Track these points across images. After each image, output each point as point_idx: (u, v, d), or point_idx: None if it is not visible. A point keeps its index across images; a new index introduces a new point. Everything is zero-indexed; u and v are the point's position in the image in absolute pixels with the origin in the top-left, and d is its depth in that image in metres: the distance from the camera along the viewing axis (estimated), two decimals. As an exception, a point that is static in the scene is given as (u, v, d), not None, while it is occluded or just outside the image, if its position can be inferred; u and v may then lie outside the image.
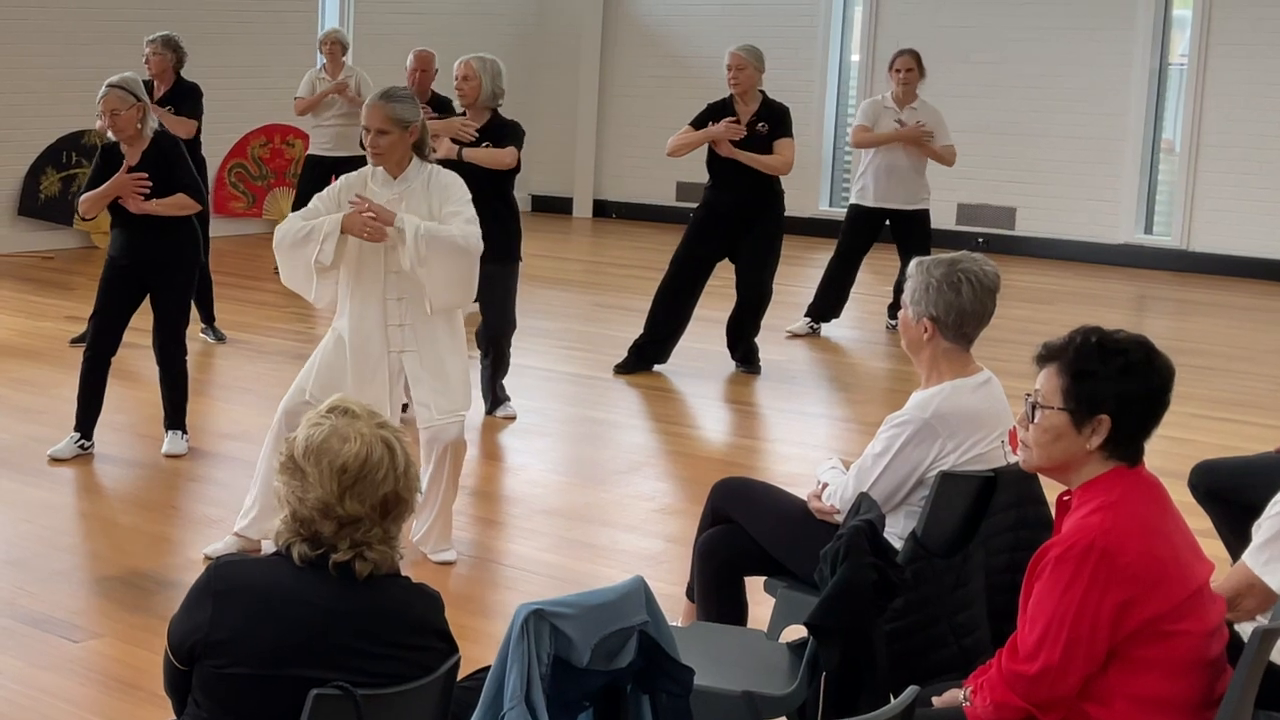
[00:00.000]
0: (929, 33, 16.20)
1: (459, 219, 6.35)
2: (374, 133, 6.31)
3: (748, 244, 10.19)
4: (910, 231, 11.66)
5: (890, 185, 11.60)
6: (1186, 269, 15.15)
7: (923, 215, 11.73)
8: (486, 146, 8.77)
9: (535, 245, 16.11)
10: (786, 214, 10.42)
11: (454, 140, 8.70)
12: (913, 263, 4.92)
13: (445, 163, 7.53)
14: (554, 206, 18.75)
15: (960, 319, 4.77)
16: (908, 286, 4.87)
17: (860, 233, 11.76)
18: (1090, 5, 15.61)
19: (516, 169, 8.88)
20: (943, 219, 16.14)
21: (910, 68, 11.67)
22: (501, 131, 8.81)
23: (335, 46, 13.41)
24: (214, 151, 15.26)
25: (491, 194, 8.62)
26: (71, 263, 14.09)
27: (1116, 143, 15.60)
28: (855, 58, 17.15)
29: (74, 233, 14.50)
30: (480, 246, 6.39)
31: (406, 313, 6.42)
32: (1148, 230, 15.76)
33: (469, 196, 6.47)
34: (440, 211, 6.37)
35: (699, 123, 10.17)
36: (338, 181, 6.58)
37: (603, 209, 18.53)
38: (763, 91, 10.15)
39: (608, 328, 11.63)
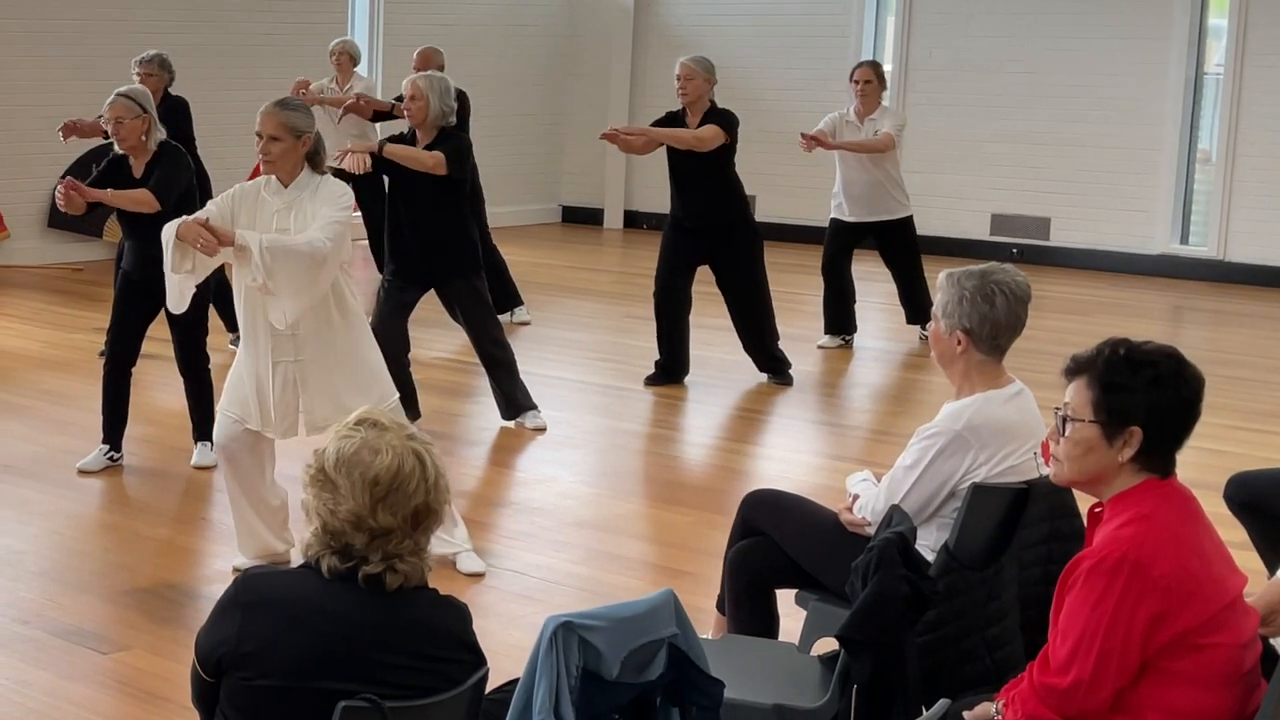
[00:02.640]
0: (962, 42, 16.17)
1: (317, 222, 6.27)
2: (266, 139, 6.31)
3: (727, 256, 10.15)
4: (894, 240, 11.65)
5: (861, 200, 11.56)
6: (1222, 279, 15.07)
7: (904, 224, 11.67)
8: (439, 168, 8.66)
9: (566, 256, 16.17)
10: (813, 224, 10.38)
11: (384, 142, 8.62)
12: (942, 275, 4.89)
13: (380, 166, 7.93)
14: (585, 217, 18.75)
15: (995, 331, 4.75)
16: (938, 299, 4.83)
17: (838, 244, 11.72)
18: (1125, 15, 15.55)
19: (460, 180, 8.68)
20: (977, 229, 16.14)
21: (869, 79, 11.59)
22: (441, 143, 8.63)
23: (344, 57, 13.44)
24: (243, 163, 15.30)
25: (443, 210, 8.61)
26: (101, 275, 14.08)
27: (1152, 152, 15.53)
28: (888, 68, 17.09)
29: (103, 245, 14.53)
30: (325, 250, 6.21)
31: (297, 321, 6.33)
32: (1183, 240, 15.68)
33: (347, 203, 6.37)
34: (317, 210, 6.32)
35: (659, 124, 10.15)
36: (234, 188, 6.52)
37: (634, 220, 18.51)
38: (712, 101, 10.06)
39: (638, 339, 11.60)
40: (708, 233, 10.09)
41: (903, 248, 11.67)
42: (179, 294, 6.48)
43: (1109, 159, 15.69)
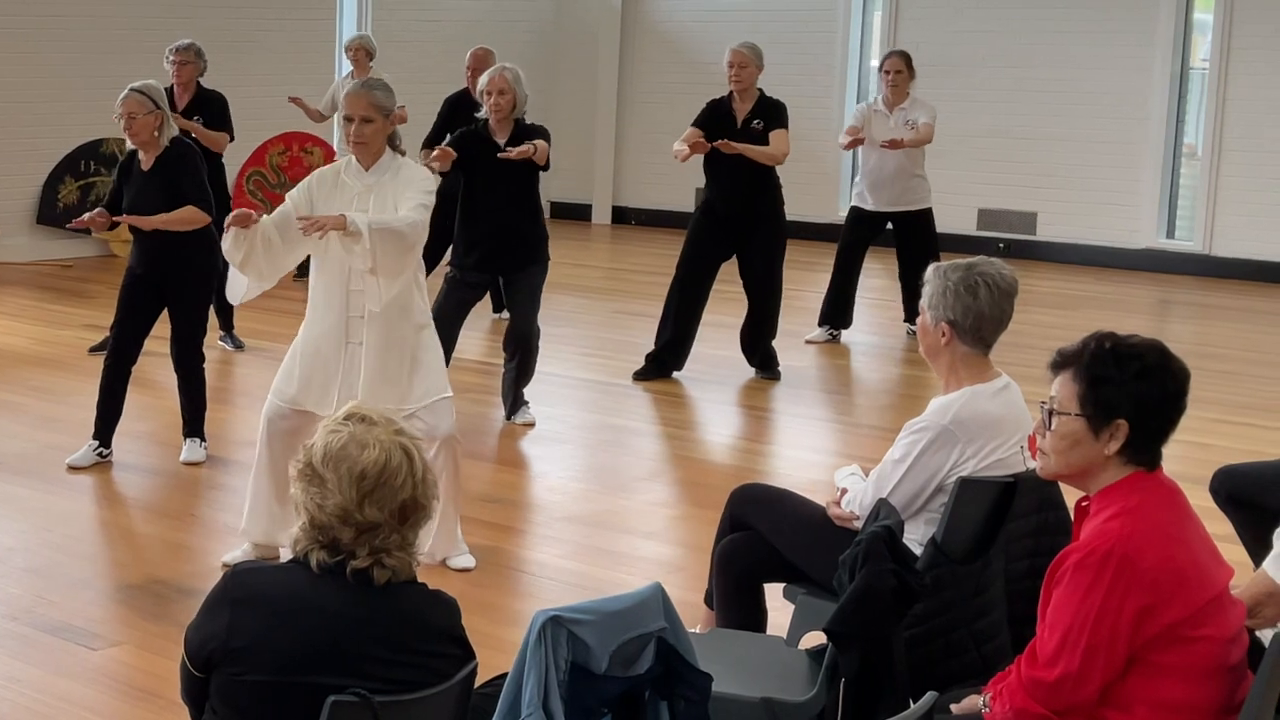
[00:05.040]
0: (948, 37, 16.19)
1: (408, 203, 6.30)
2: (358, 121, 6.30)
3: (753, 245, 10.20)
4: (912, 233, 11.66)
5: (886, 189, 11.59)
6: (1208, 273, 15.11)
7: (924, 215, 11.70)
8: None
9: (554, 252, 16.08)
10: (805, 220, 10.43)
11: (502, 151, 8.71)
12: (930, 267, 4.91)
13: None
14: (573, 213, 18.75)
15: (978, 323, 4.76)
16: (925, 291, 4.85)
17: (857, 234, 11.75)
18: (1111, 9, 15.58)
19: (544, 170, 8.86)
20: (964, 224, 16.15)
21: (899, 69, 11.64)
22: (534, 134, 8.79)
23: (360, 53, 13.44)
24: (232, 160, 15.27)
25: (521, 200, 8.76)
26: (90, 271, 14.12)
27: (1138, 147, 15.56)
28: (874, 62, 17.11)
29: (92, 241, 14.52)
30: (422, 232, 6.29)
31: (364, 303, 6.37)
32: (1169, 235, 15.72)
33: (431, 188, 6.42)
34: (404, 194, 6.34)
35: (700, 121, 10.19)
36: (311, 174, 6.54)
37: (622, 215, 18.53)
38: (760, 89, 10.15)
39: (627, 334, 11.62)
40: (739, 220, 10.12)
41: (921, 240, 11.63)
42: (235, 286, 6.56)
43: (1095, 154, 15.73)
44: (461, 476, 6.79)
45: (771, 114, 10.10)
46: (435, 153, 8.60)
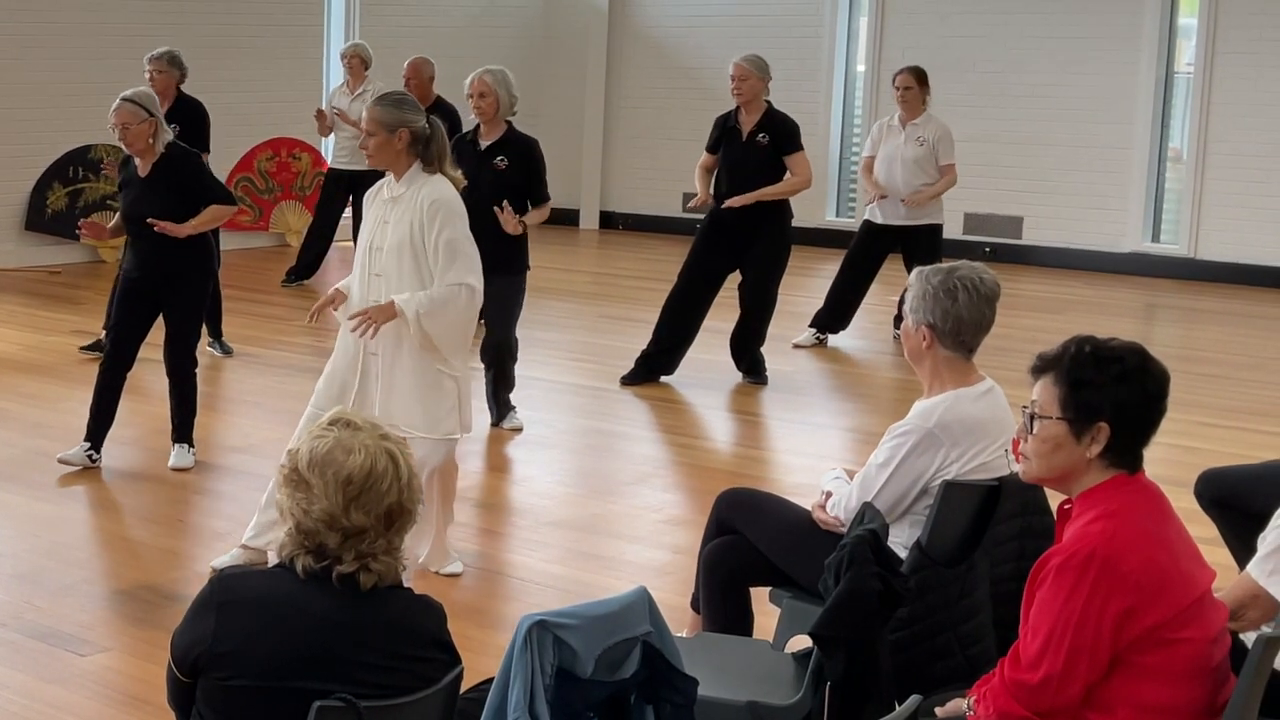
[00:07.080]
0: (935, 43, 16.21)
1: (456, 265, 6.32)
2: (365, 134, 6.46)
3: (753, 257, 10.20)
4: (919, 245, 11.66)
5: (894, 203, 11.58)
6: (1194, 277, 15.14)
7: (934, 230, 11.72)
8: (503, 163, 8.96)
9: (542, 257, 16.04)
10: (794, 225, 10.43)
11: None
12: (913, 271, 4.95)
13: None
14: (560, 218, 18.68)
15: (957, 326, 4.77)
16: (908, 295, 4.88)
17: (870, 249, 11.76)
18: (1096, 15, 15.61)
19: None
20: (950, 228, 16.02)
21: (909, 85, 11.63)
22: (530, 155, 9.09)
23: (355, 60, 13.46)
24: (220, 165, 15.29)
25: (516, 208, 8.87)
26: (78, 277, 14.10)
27: (1123, 151, 15.60)
28: (861, 69, 17.16)
29: (80, 247, 14.51)
30: (475, 284, 6.38)
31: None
32: (1155, 239, 15.75)
33: (462, 223, 6.38)
34: (428, 234, 6.33)
35: (711, 144, 10.23)
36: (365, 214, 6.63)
37: (609, 220, 18.53)
38: (768, 102, 10.14)
39: (614, 339, 11.64)
40: (746, 229, 10.11)
41: (926, 254, 11.57)
42: None
43: (1081, 158, 15.76)
44: (452, 499, 6.79)
45: (782, 134, 10.10)
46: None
